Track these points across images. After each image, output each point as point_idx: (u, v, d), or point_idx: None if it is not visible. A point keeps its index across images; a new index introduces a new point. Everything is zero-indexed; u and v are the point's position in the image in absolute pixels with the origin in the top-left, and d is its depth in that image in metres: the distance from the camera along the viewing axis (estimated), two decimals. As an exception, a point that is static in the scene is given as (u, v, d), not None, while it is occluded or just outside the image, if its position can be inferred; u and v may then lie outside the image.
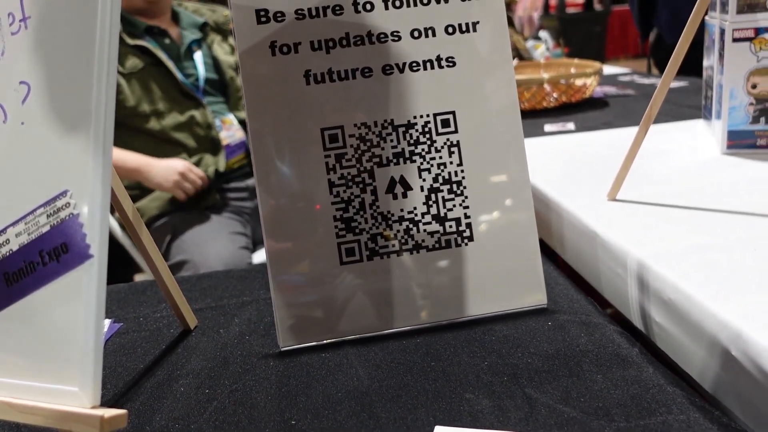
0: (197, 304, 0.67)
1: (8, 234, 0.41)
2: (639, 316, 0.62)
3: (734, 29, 0.87)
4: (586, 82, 1.38)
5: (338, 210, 0.57)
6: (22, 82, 0.41)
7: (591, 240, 0.70)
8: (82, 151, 0.39)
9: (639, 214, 0.72)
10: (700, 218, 0.69)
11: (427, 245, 0.58)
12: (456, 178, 0.59)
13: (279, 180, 0.57)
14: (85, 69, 0.39)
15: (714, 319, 0.50)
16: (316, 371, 0.53)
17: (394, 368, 0.52)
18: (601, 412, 0.44)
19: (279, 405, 0.49)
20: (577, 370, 0.50)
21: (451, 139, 0.59)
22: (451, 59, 0.59)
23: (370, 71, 0.58)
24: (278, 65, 0.57)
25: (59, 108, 0.40)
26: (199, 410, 0.49)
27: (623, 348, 0.52)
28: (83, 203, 0.38)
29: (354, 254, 0.57)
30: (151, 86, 1.52)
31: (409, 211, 0.58)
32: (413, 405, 0.47)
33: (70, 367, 0.37)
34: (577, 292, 0.63)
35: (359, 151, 0.58)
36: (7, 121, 0.42)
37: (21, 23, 0.42)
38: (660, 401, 0.45)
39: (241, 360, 0.56)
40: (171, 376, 0.54)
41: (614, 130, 1.15)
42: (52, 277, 0.39)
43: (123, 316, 0.67)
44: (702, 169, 0.87)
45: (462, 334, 0.56)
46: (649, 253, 0.61)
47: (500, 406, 0.46)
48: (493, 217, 0.59)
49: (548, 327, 0.56)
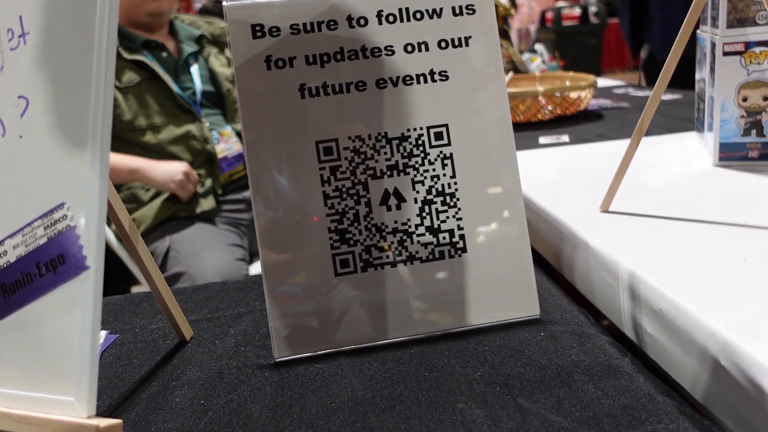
0: (193, 315, 0.67)
1: (6, 246, 0.41)
2: (631, 326, 0.62)
3: (724, 43, 0.88)
4: (580, 95, 1.40)
5: (333, 222, 0.58)
6: (20, 97, 0.42)
7: (584, 251, 0.71)
8: (80, 164, 0.39)
9: (631, 225, 0.73)
10: (691, 229, 0.69)
11: (420, 256, 0.59)
12: (449, 190, 0.59)
13: (275, 192, 0.58)
14: (83, 83, 0.40)
15: (703, 329, 0.51)
16: (311, 382, 0.53)
17: (388, 379, 0.53)
18: (593, 422, 0.45)
19: (274, 415, 0.49)
20: (569, 380, 0.50)
21: (444, 152, 0.59)
22: (444, 73, 0.60)
23: (364, 85, 0.59)
24: (274, 79, 0.58)
25: (57, 122, 0.41)
26: (194, 421, 0.49)
27: (614, 358, 0.52)
28: (80, 215, 0.39)
29: (348, 265, 0.58)
30: (147, 100, 1.53)
31: (402, 222, 0.59)
32: (406, 415, 0.48)
33: (66, 378, 0.38)
34: (570, 302, 0.63)
35: (353, 163, 0.58)
36: (6, 135, 0.43)
37: (20, 39, 0.42)
38: (650, 411, 0.45)
39: (236, 371, 0.56)
40: (166, 387, 0.54)
41: (608, 143, 1.16)
42: (49, 289, 0.40)
43: (119, 327, 0.67)
44: (694, 180, 0.88)
45: (455, 344, 0.57)
46: (640, 263, 0.62)
47: (492, 415, 0.46)
48: (486, 228, 0.60)
49: (541, 337, 0.57)
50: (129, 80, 1.52)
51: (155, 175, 1.48)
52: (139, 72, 1.54)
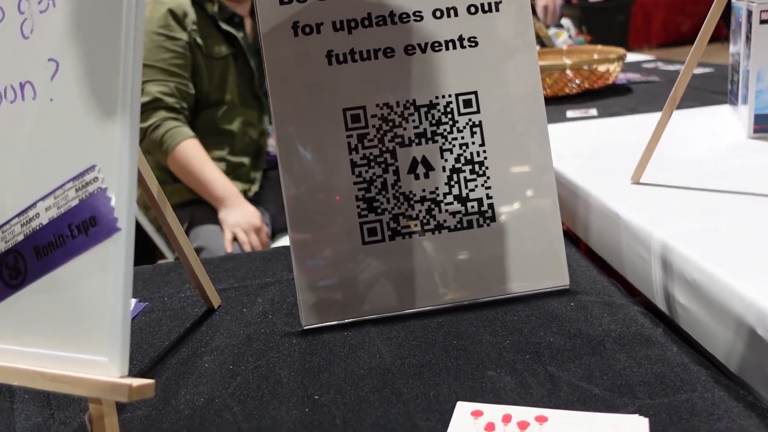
0: (220, 285, 0.68)
1: (38, 208, 0.42)
2: (662, 297, 0.61)
3: (762, 11, 0.85)
4: (609, 68, 1.37)
5: (360, 190, 0.57)
6: (50, 59, 0.42)
7: (614, 222, 0.70)
8: (110, 127, 0.39)
9: (663, 197, 0.71)
10: (726, 201, 0.68)
11: (449, 225, 0.58)
12: (478, 159, 0.59)
13: (302, 161, 0.57)
14: (113, 45, 0.39)
15: (740, 299, 0.50)
16: (339, 349, 0.53)
17: (416, 346, 0.52)
18: (625, 390, 0.44)
19: (302, 381, 0.49)
20: (599, 349, 0.49)
21: (473, 120, 0.58)
22: (473, 39, 0.59)
23: (392, 51, 0.58)
24: (300, 46, 0.57)
25: (87, 84, 0.40)
26: (224, 385, 0.49)
27: (647, 328, 0.52)
28: (111, 177, 0.39)
29: (376, 234, 0.58)
30: (227, 77, 1.47)
31: (431, 191, 0.58)
32: (435, 381, 0.47)
33: (99, 338, 0.38)
34: (600, 274, 0.62)
35: (381, 131, 0.58)
36: (37, 98, 0.43)
37: (49, 1, 0.42)
38: (684, 380, 0.45)
39: (265, 338, 0.56)
40: (196, 353, 0.55)
41: (638, 116, 1.14)
42: (81, 250, 0.40)
43: (148, 295, 0.68)
44: (728, 153, 0.86)
45: (483, 314, 0.56)
46: (673, 234, 0.60)
47: (522, 383, 0.46)
48: (515, 198, 0.59)
49: (570, 307, 0.56)
50: (218, 52, 1.45)
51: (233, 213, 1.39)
52: (227, 46, 1.47)
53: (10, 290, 0.43)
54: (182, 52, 1.40)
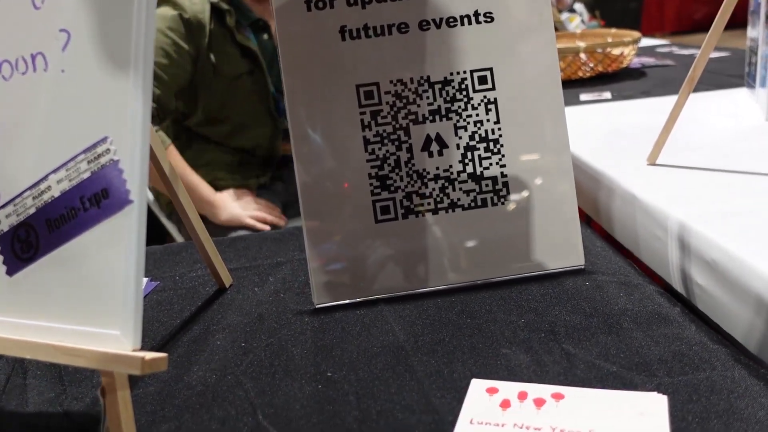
0: (232, 264, 0.67)
1: (50, 181, 0.41)
2: (679, 278, 0.60)
3: (783, -11, 0.83)
4: (623, 51, 1.35)
5: (373, 168, 0.57)
6: (62, 30, 0.41)
7: (629, 203, 0.69)
8: (122, 99, 0.39)
9: (679, 178, 0.70)
10: (743, 182, 0.67)
11: (462, 204, 0.58)
12: (493, 136, 0.58)
13: (315, 140, 0.56)
14: (124, 16, 0.39)
15: (761, 278, 0.49)
16: (351, 327, 0.53)
17: (429, 325, 0.52)
18: (642, 368, 0.44)
19: (315, 358, 0.49)
20: (616, 327, 0.49)
21: (488, 97, 0.58)
22: (489, 14, 0.58)
23: (406, 27, 0.57)
24: (313, 21, 0.56)
25: (99, 55, 0.40)
26: (236, 362, 0.49)
27: (664, 307, 0.51)
28: (123, 149, 0.38)
29: (389, 212, 0.57)
30: (240, 95, 1.41)
31: (444, 169, 0.57)
32: (449, 359, 0.47)
33: (112, 311, 0.38)
34: (615, 254, 0.62)
35: (395, 108, 0.57)
36: (48, 69, 0.42)
37: (60, -29, 0.42)
38: (703, 358, 0.44)
39: (276, 316, 0.56)
40: (208, 331, 0.54)
41: (653, 99, 1.12)
42: (93, 223, 0.39)
43: (159, 275, 0.67)
44: (745, 135, 0.84)
45: (497, 293, 0.56)
46: (691, 214, 0.60)
47: (538, 360, 0.45)
48: (530, 176, 0.58)
49: (586, 287, 0.55)
50: (234, 72, 1.38)
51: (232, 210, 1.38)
52: (243, 62, 1.40)
53: (23, 264, 0.42)
54: (180, 62, 1.32)
